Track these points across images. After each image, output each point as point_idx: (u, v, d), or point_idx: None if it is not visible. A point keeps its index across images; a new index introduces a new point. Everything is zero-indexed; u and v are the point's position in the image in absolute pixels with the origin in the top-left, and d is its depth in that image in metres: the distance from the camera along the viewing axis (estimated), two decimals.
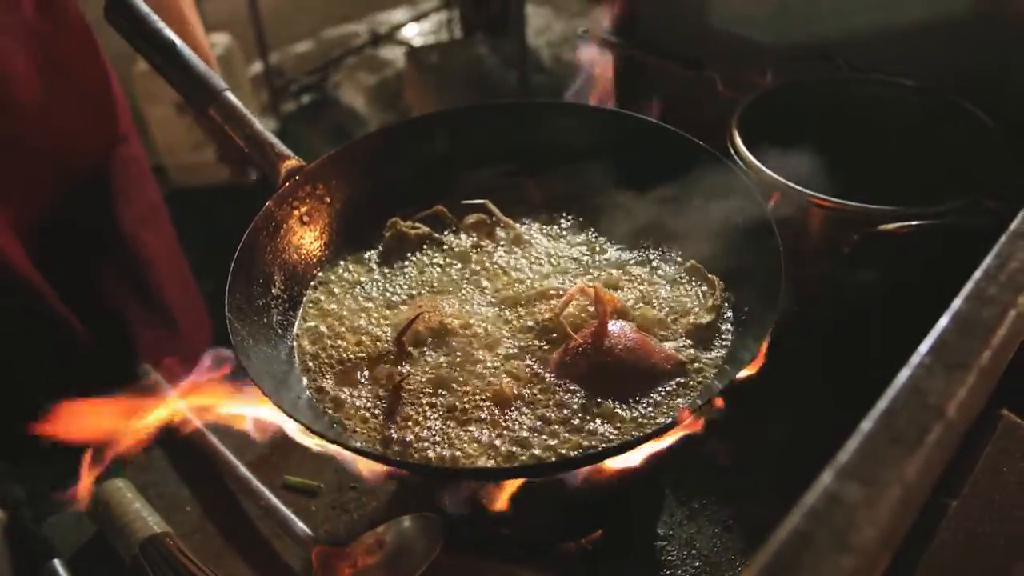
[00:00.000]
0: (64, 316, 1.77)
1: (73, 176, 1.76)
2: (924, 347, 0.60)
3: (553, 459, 0.90)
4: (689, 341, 1.03)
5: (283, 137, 1.17)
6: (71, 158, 1.75)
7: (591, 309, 1.03)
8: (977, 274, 0.67)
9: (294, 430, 0.97)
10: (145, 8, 1.17)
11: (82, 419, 1.05)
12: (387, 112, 4.33)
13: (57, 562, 1.16)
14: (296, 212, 1.15)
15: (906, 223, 1.19)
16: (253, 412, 1.03)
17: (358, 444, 0.94)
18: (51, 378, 1.68)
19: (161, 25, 1.17)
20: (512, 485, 0.96)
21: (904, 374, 0.57)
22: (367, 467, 0.96)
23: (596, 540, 1.12)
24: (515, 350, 1.03)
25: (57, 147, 1.71)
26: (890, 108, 1.42)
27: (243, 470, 1.23)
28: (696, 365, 1.00)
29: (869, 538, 0.45)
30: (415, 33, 5.12)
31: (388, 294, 1.14)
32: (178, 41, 1.16)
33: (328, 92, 4.64)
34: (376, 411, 0.99)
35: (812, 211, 1.24)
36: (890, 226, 1.20)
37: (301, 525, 1.14)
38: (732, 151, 1.31)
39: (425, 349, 1.04)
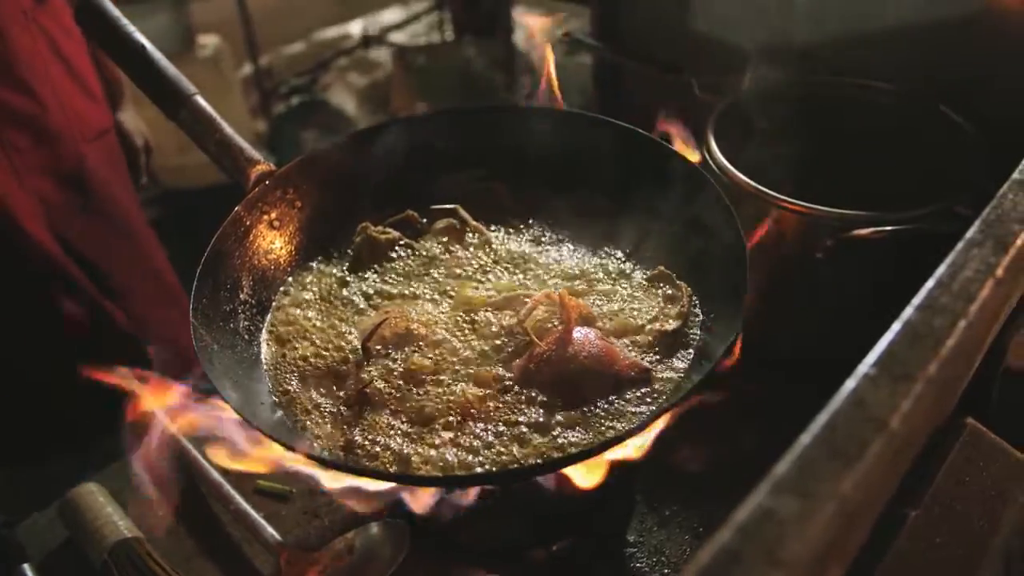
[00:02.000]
0: (99, 300, 1.88)
1: (83, 159, 1.84)
2: (871, 357, 0.59)
3: (515, 466, 0.90)
4: (656, 347, 1.02)
5: (273, 139, 1.17)
6: (79, 142, 1.83)
7: (557, 318, 1.03)
8: (929, 283, 0.66)
9: (261, 437, 0.96)
10: (115, 12, 1.16)
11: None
12: (377, 114, 4.31)
13: (27, 567, 1.16)
14: (266, 217, 1.15)
15: (881, 228, 1.19)
16: (225, 417, 1.03)
17: (319, 451, 0.93)
18: (66, 358, 1.73)
19: (131, 29, 1.16)
20: (478, 492, 0.96)
21: (848, 385, 0.56)
22: (330, 475, 0.96)
23: (565, 547, 1.11)
24: (480, 356, 1.03)
25: (68, 129, 1.80)
26: (867, 112, 1.42)
27: (215, 474, 1.22)
28: (663, 372, 0.99)
29: (798, 553, 0.44)
30: (406, 35, 5.11)
31: (356, 299, 1.14)
32: (148, 45, 1.15)
33: (318, 94, 4.62)
34: (340, 417, 0.98)
35: (787, 216, 1.24)
36: (865, 231, 1.19)
37: (271, 530, 1.13)
38: (707, 156, 1.31)
39: (391, 354, 1.04)
